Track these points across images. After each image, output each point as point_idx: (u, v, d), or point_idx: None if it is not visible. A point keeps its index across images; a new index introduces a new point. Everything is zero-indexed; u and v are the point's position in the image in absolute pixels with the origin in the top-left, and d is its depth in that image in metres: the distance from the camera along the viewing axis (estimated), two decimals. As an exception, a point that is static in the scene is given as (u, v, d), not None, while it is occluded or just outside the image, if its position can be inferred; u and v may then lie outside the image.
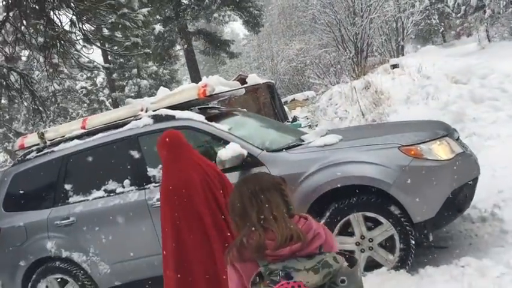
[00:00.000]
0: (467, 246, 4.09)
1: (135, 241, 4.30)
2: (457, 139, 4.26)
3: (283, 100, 24.81)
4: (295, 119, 19.72)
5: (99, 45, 12.00)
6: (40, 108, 11.40)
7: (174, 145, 3.39)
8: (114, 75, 29.97)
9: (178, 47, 27.14)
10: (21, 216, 4.75)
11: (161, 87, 4.95)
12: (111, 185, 4.49)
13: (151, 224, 4.22)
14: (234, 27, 51.29)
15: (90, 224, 4.45)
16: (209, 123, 4.31)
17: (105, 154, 4.61)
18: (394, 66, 15.61)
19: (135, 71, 30.83)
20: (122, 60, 31.02)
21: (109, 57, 29.63)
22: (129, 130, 4.53)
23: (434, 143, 3.86)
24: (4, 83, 11.37)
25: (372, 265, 3.85)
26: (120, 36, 10.87)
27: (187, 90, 4.63)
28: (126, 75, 31.62)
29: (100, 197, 4.48)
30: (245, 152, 3.99)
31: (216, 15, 23.80)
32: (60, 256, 4.54)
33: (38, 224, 4.64)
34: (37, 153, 4.92)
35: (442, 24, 34.75)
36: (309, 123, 17.23)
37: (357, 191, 3.79)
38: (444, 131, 4.13)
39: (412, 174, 3.68)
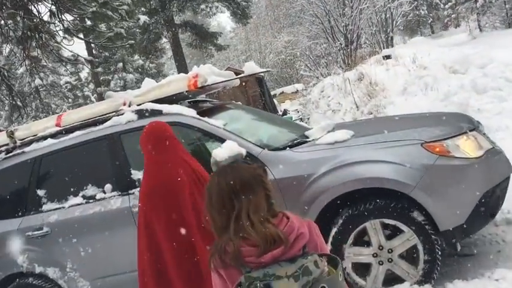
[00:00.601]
0: (496, 254, 3.63)
1: (118, 254, 3.76)
2: (484, 133, 3.78)
3: (272, 93, 24.35)
4: (285, 112, 19.29)
5: (81, 36, 11.37)
6: (19, 103, 10.75)
7: (159, 138, 2.92)
8: (99, 70, 29.26)
9: (164, 40, 26.49)
10: (-13, 227, 4.18)
11: (146, 79, 4.39)
12: (90, 190, 3.94)
13: (136, 234, 3.68)
14: (221, 20, 50.50)
15: (67, 235, 3.90)
16: (201, 118, 3.78)
17: (83, 155, 4.06)
18: (387, 57, 15.21)
19: (120, 65, 30.18)
20: (106, 53, 30.38)
21: (93, 51, 28.88)
22: (110, 127, 3.97)
23: (461, 139, 3.37)
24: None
25: (392, 279, 3.36)
26: (103, 27, 10.23)
27: (175, 81, 4.08)
28: (112, 69, 30.99)
29: (78, 204, 3.93)
30: (243, 152, 3.44)
31: (203, 6, 23.20)
32: (33, 272, 3.99)
33: (7, 235, 4.07)
34: (5, 154, 4.34)
35: (431, 15, 34.47)
36: (300, 117, 16.80)
37: (374, 194, 3.29)
38: (470, 124, 3.64)
39: (437, 175, 3.19)
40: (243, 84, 20.03)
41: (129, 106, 4.07)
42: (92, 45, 27.64)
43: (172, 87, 4.04)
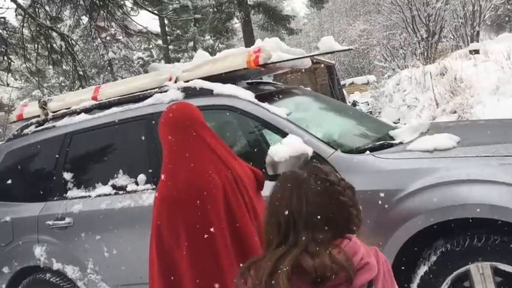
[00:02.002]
0: None
1: (146, 260, 3.09)
2: None
3: (341, 83, 23.29)
4: (354, 104, 18.27)
5: (148, 8, 10.94)
6: (81, 73, 10.49)
7: (183, 127, 2.11)
8: (170, 47, 29.36)
9: (236, 21, 25.94)
10: (9, 208, 3.66)
11: (199, 51, 3.66)
12: (121, 179, 3.29)
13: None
14: (295, 6, 49.32)
15: (90, 230, 3.28)
16: (260, 103, 2.99)
17: (116, 136, 3.42)
18: (475, 51, 13.80)
19: (191, 43, 30.07)
20: (179, 31, 30.39)
21: (166, 28, 28.91)
22: (150, 106, 3.29)
23: None
24: (48, 45, 10.55)
25: None
26: (170, -1, 9.71)
27: (233, 56, 3.32)
28: (182, 48, 31.02)
29: (105, 195, 3.29)
30: (310, 151, 2.65)
31: (278, -13, 22.23)
32: (50, 268, 3.41)
33: (27, 221, 3.52)
34: (36, 127, 3.79)
35: (525, 10, 31.51)
36: (370, 110, 15.72)
37: (478, 225, 2.38)
38: None
39: None
40: (313, 70, 19.13)
41: (175, 82, 3.36)
42: (165, 22, 27.75)
43: (228, 62, 3.28)
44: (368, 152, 2.73)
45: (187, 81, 3.31)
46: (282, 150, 2.59)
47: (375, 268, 1.25)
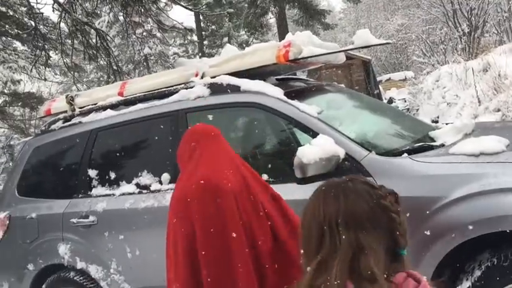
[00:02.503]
0: None
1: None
2: None
3: (377, 79, 22.81)
4: (390, 100, 17.80)
5: (181, 4, 10.90)
6: (115, 68, 10.55)
7: (207, 135, 2.15)
8: (205, 43, 29.47)
9: (270, 16, 25.73)
10: (35, 205, 3.62)
11: (227, 45, 3.51)
12: (145, 178, 3.18)
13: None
14: (331, 0, 48.63)
15: (114, 230, 3.19)
16: (290, 101, 2.82)
17: (141, 134, 3.32)
18: (522, 46, 13.18)
19: (226, 39, 30.11)
20: (213, 27, 30.48)
21: (201, 23, 29.03)
22: (175, 103, 3.17)
23: None
24: (84, 40, 10.66)
25: None
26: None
27: (262, 50, 3.15)
28: (217, 43, 31.12)
29: (129, 193, 3.19)
30: (341, 153, 2.47)
31: (314, -20, 21.89)
32: (74, 266, 3.35)
33: (52, 218, 3.47)
34: (63, 123, 3.74)
35: None
36: (407, 107, 15.26)
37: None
38: None
39: None
40: (348, 65, 18.76)
41: (202, 78, 3.23)
42: (201, 17, 27.83)
43: (256, 57, 3.12)
44: (406, 154, 2.52)
45: (214, 76, 3.17)
46: (312, 151, 2.41)
47: None
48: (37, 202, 3.61)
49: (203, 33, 30.34)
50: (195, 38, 28.83)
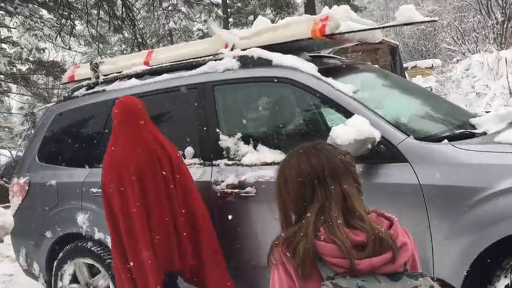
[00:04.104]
0: None
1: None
2: None
3: (403, 66, 22.34)
4: (417, 88, 17.28)
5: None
6: (140, 40, 10.47)
7: (126, 116, 2.75)
8: (230, 20, 29.18)
9: (298, -5, 25.32)
10: (56, 172, 3.55)
11: (259, 17, 3.34)
12: (169, 150, 3.08)
13: (214, 216, 2.81)
14: (360, -18, 47.55)
15: (133, 202, 3.11)
16: (324, 78, 2.66)
17: (166, 105, 3.21)
18: (558, 37, 12.70)
19: (251, 17, 29.76)
20: (239, 4, 30.13)
21: (228, 1, 28.74)
22: (202, 75, 3.04)
23: None
24: (110, 10, 10.59)
25: None
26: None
27: (296, 23, 2.99)
28: (242, 21, 30.81)
29: (151, 166, 3.10)
30: (377, 135, 2.32)
31: (344, -39, 21.34)
32: (92, 236, 3.30)
33: (72, 187, 3.40)
34: (86, 90, 3.65)
35: None
36: (434, 95, 14.88)
37: None
38: None
39: None
40: (374, 50, 18.36)
41: (232, 50, 3.09)
42: (227, -6, 27.50)
43: (290, 31, 2.96)
44: (446, 140, 2.36)
45: (245, 49, 3.03)
46: (346, 132, 2.27)
47: (410, 249, 1.29)
48: (57, 169, 3.55)
49: (229, 10, 30.04)
50: (220, 14, 28.56)
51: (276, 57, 2.84)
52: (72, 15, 11.27)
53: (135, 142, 2.65)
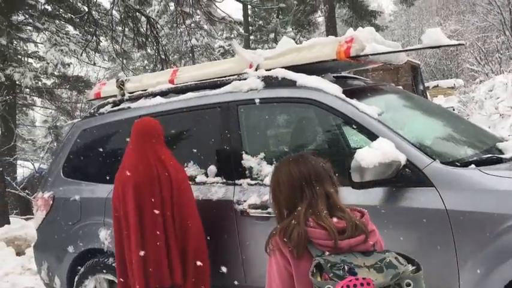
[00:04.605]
0: None
1: (212, 254, 2.90)
2: None
3: (425, 85, 22.14)
4: (438, 108, 17.08)
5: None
6: (163, 57, 10.60)
7: (138, 135, 2.93)
8: (252, 37, 29.43)
9: (319, 14, 25.43)
10: (79, 187, 3.60)
11: (284, 37, 3.37)
12: (191, 169, 3.11)
13: (236, 236, 2.80)
14: (381, 2, 47.70)
15: (155, 219, 3.12)
16: (349, 100, 2.66)
17: (190, 123, 3.24)
18: None
19: (272, 35, 29.99)
20: (261, 22, 30.39)
21: (249, 18, 29.02)
22: (226, 94, 3.07)
23: None
24: (134, 27, 10.78)
25: None
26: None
27: (321, 45, 3.00)
28: (263, 39, 31.03)
29: (174, 184, 3.12)
30: (403, 159, 2.30)
31: (367, -20, 21.42)
32: (113, 252, 3.31)
33: (95, 203, 3.44)
34: (112, 107, 3.71)
35: None
36: (456, 116, 14.68)
37: None
38: None
39: None
40: (396, 69, 18.27)
41: (256, 70, 3.12)
42: (249, 12, 27.81)
43: (315, 52, 2.97)
44: (473, 165, 2.32)
45: (269, 69, 3.05)
46: (371, 155, 2.25)
47: (377, 235, 1.66)
48: (81, 185, 3.59)
49: (250, 28, 30.34)
50: (241, 31, 28.84)
51: (301, 78, 2.86)
52: (97, 32, 11.51)
53: (138, 160, 2.82)
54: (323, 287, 1.44)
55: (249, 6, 21.70)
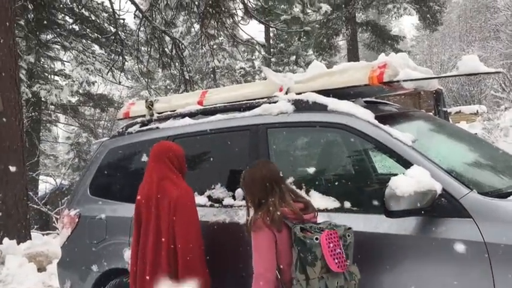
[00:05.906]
0: None
1: (235, 279, 2.85)
2: None
3: (447, 111, 21.85)
4: (461, 134, 16.81)
5: (258, 18, 10.95)
6: (187, 77, 10.72)
7: (154, 156, 3.04)
8: (273, 59, 29.61)
9: (340, 38, 25.52)
10: (106, 206, 3.60)
11: (314, 61, 3.36)
12: (219, 191, 3.09)
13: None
14: (403, 27, 47.65)
15: (181, 241, 3.09)
16: (381, 126, 2.62)
17: (218, 145, 3.23)
18: None
19: (293, 58, 30.13)
20: (282, 45, 30.61)
21: (271, 41, 29.24)
22: (256, 117, 3.06)
23: None
24: (160, 48, 10.96)
25: None
26: (282, 8, 9.60)
27: (353, 70, 2.98)
28: (284, 61, 31.19)
29: (201, 205, 3.09)
30: (438, 188, 2.24)
31: (390, 6, 21.48)
32: (137, 273, 3.28)
33: (121, 222, 3.44)
34: (140, 127, 3.73)
35: None
36: (480, 143, 14.42)
37: None
38: None
39: None
40: (418, 94, 18.11)
41: (286, 93, 3.10)
42: (271, 35, 28.05)
43: (347, 77, 2.95)
44: (512, 197, 2.25)
45: (300, 93, 3.04)
46: (406, 183, 2.20)
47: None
48: (107, 203, 3.60)
49: (271, 50, 30.55)
50: (263, 53, 29.03)
51: (332, 103, 2.83)
52: (123, 52, 11.73)
53: (145, 181, 3.01)
54: (312, 237, 2.23)
55: (271, 29, 21.94)
